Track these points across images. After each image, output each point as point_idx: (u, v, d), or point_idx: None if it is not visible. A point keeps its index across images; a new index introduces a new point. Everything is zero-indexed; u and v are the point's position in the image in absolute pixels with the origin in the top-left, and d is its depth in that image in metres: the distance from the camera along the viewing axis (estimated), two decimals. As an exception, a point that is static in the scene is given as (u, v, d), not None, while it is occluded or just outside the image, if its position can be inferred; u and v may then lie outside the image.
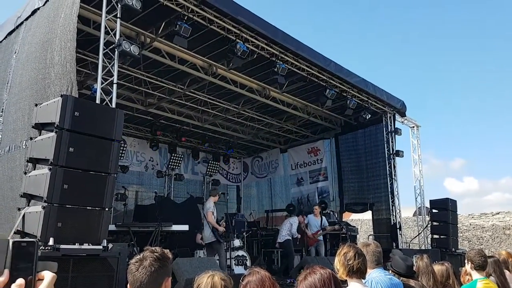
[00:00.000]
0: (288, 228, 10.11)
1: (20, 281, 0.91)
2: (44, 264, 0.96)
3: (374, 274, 3.09)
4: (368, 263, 2.98)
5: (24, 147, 5.59)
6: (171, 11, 7.40)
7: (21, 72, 6.42)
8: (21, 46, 6.83)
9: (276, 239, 10.62)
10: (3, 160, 6.22)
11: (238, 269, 8.52)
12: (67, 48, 5.59)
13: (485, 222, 17.72)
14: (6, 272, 0.91)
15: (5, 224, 5.52)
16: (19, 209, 4.69)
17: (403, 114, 12.64)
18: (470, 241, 17.57)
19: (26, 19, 7.02)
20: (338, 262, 2.75)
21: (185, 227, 8.27)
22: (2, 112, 6.64)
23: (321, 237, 10.43)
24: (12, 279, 0.90)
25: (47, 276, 0.94)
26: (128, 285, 1.85)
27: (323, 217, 10.72)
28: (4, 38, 7.60)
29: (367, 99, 11.41)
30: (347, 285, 2.71)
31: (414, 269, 3.43)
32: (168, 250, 1.95)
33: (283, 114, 12.53)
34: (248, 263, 8.82)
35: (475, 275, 3.84)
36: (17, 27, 7.26)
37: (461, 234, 16.77)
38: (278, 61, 8.88)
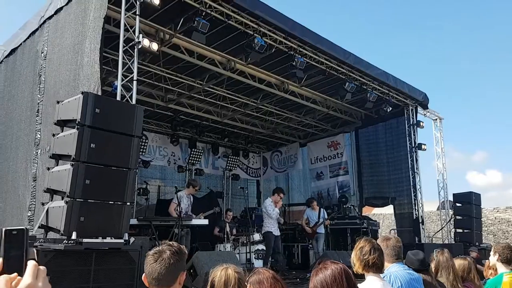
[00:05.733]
0: (266, 215, 8.84)
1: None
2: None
3: (393, 269, 3.06)
4: (387, 257, 2.96)
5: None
6: (189, 7, 7.44)
7: (55, 74, 6.57)
8: (49, 46, 6.96)
9: (295, 234, 10.53)
10: (43, 159, 6.39)
11: (258, 263, 8.56)
12: (96, 50, 5.72)
13: (510, 216, 17.28)
14: (0, 260, 0.90)
15: None
16: (42, 204, 4.83)
17: (425, 107, 12.38)
18: (495, 235, 17.18)
19: (49, 18, 7.15)
20: (354, 257, 2.74)
21: (205, 221, 8.34)
22: (37, 112, 6.81)
23: (321, 230, 10.06)
24: (5, 267, 0.90)
25: (29, 264, 0.92)
26: (144, 275, 1.90)
27: (322, 210, 10.33)
28: (28, 38, 7.77)
29: (388, 92, 11.23)
30: (364, 280, 2.71)
31: (429, 263, 3.40)
32: (184, 246, 1.99)
33: (302, 108, 12.45)
34: (268, 257, 8.83)
35: (501, 268, 3.79)
36: (40, 26, 7.41)
37: (486, 228, 16.41)
38: (297, 54, 8.82)
